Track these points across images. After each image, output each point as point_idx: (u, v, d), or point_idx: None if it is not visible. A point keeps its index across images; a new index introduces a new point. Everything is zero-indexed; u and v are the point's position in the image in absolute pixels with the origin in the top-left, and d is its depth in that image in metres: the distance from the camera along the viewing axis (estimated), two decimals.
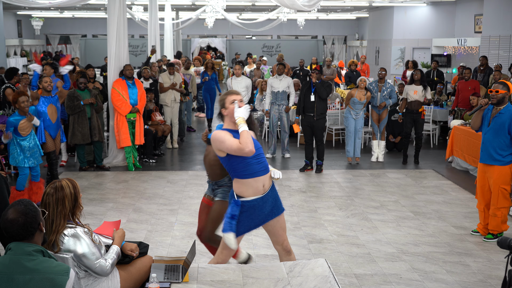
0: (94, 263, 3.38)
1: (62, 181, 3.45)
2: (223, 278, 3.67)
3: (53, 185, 3.44)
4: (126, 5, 10.14)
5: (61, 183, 3.44)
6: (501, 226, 5.94)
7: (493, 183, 5.84)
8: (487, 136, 5.82)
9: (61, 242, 3.34)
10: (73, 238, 3.35)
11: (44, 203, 3.40)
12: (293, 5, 10.44)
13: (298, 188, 8.07)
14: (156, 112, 10.34)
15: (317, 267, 3.81)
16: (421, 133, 9.65)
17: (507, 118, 5.66)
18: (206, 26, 22.94)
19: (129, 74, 9.04)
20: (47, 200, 3.39)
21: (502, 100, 5.68)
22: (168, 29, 19.51)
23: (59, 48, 30.95)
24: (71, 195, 3.43)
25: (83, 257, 3.35)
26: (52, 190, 3.41)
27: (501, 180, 5.79)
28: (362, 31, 29.03)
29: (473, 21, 17.56)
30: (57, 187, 3.41)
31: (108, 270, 3.44)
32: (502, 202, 5.82)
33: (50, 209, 3.36)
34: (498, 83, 5.77)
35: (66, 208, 3.40)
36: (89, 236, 3.43)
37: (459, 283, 4.89)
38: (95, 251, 3.40)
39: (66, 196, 3.40)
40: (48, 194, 3.40)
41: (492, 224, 5.95)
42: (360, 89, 9.36)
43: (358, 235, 6.11)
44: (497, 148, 5.74)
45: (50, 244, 3.34)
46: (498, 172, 5.78)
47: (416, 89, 9.40)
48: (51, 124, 7.70)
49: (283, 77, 9.72)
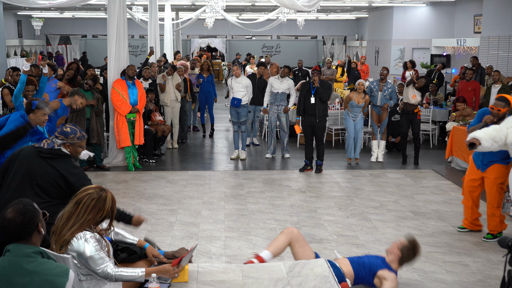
0: (98, 267, 3.27)
1: (109, 194, 3.33)
2: (223, 278, 3.68)
3: (99, 191, 3.31)
4: (126, 5, 10.14)
5: (107, 195, 3.31)
6: (500, 226, 5.96)
7: (491, 182, 5.89)
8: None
9: (71, 243, 3.26)
10: (82, 240, 3.25)
11: (79, 199, 3.27)
12: (293, 6, 10.45)
13: (298, 188, 8.08)
14: (156, 112, 10.35)
15: (317, 267, 3.82)
16: (419, 133, 9.65)
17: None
18: (206, 27, 22.93)
19: (132, 74, 9.05)
20: (83, 199, 3.27)
21: (503, 117, 5.74)
22: (168, 29, 19.52)
23: (59, 49, 30.96)
24: (107, 210, 3.32)
25: (89, 259, 3.26)
26: (96, 196, 3.28)
27: (500, 179, 5.85)
28: (362, 31, 29.04)
29: (472, 21, 17.58)
30: (101, 197, 3.28)
31: (114, 278, 3.32)
32: (500, 201, 5.83)
33: (81, 208, 3.25)
34: (500, 101, 5.79)
35: (96, 218, 3.29)
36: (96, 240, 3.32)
37: (458, 283, 4.90)
38: (103, 255, 3.29)
39: (103, 208, 3.30)
40: (90, 195, 3.28)
41: (491, 225, 5.96)
42: (358, 93, 9.38)
43: (357, 235, 6.12)
44: (494, 155, 5.83)
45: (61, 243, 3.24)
46: (496, 170, 5.85)
47: (415, 93, 9.40)
48: (55, 129, 7.76)
49: (285, 79, 9.74)
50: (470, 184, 6.12)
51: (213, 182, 8.38)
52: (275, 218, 6.67)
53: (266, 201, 7.38)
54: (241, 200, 7.46)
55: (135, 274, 3.34)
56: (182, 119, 11.46)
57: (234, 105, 9.81)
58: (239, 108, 9.83)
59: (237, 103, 9.76)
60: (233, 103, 9.81)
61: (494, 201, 5.89)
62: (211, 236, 6.04)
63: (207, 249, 5.65)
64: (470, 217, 6.18)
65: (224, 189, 8.01)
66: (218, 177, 8.72)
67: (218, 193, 7.78)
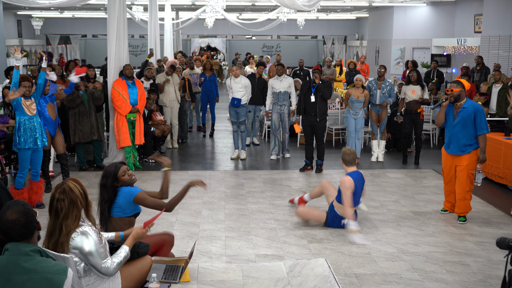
0: (100, 262, 3.34)
1: (68, 183, 3.35)
2: (223, 278, 3.68)
3: (60, 189, 3.32)
4: (126, 5, 10.13)
5: (68, 185, 3.34)
6: (469, 208, 6.56)
7: (462, 169, 6.45)
8: (456, 129, 6.47)
9: (71, 239, 3.29)
10: (82, 236, 3.29)
11: (55, 209, 3.29)
12: (293, 5, 10.44)
13: (298, 188, 8.07)
14: (156, 112, 10.34)
15: (317, 267, 3.81)
16: (420, 133, 9.66)
17: (472, 111, 6.35)
18: (206, 26, 22.94)
19: (129, 73, 9.05)
20: (58, 205, 3.28)
21: (459, 97, 6.40)
22: (168, 29, 19.51)
23: (59, 48, 30.95)
24: (81, 195, 3.36)
25: (89, 255, 3.30)
26: (62, 195, 3.30)
27: (470, 166, 6.42)
28: (362, 31, 29.04)
29: (473, 21, 17.57)
30: (66, 191, 3.31)
31: (113, 271, 3.40)
32: (470, 185, 6.46)
33: (62, 214, 3.27)
34: (452, 82, 6.54)
35: (79, 209, 3.33)
36: (97, 235, 3.40)
37: (459, 283, 4.89)
38: (102, 250, 3.35)
39: (78, 197, 3.32)
40: (59, 200, 3.29)
41: (462, 208, 6.52)
42: (357, 88, 9.38)
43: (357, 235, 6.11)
44: (465, 139, 6.40)
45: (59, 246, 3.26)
46: (467, 159, 6.42)
47: (414, 89, 9.44)
48: (51, 122, 7.75)
49: (283, 78, 9.71)
50: (447, 171, 6.71)
51: (213, 182, 8.38)
52: (275, 218, 6.66)
53: (266, 201, 7.37)
54: (241, 200, 7.45)
55: (124, 254, 3.50)
56: (182, 119, 11.45)
57: (233, 105, 9.80)
58: (239, 108, 9.82)
59: (237, 103, 9.75)
60: (232, 103, 9.81)
61: (466, 185, 6.43)
62: (211, 236, 6.03)
63: (207, 249, 5.65)
64: (452, 199, 6.77)
65: (224, 189, 8.00)
66: (218, 177, 8.71)
67: (218, 193, 7.78)
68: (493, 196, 7.75)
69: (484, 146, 6.39)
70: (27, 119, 6.89)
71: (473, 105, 6.41)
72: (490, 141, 8.29)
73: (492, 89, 10.84)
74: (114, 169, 4.24)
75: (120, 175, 4.23)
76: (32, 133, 6.91)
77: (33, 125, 6.92)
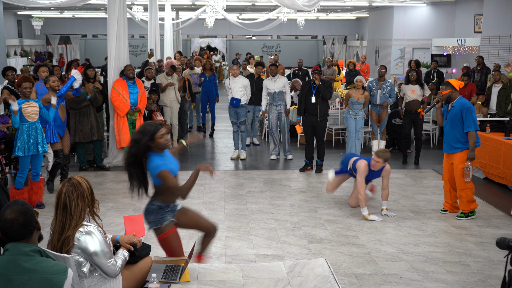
0: (106, 262, 3.33)
1: (77, 178, 3.39)
2: (223, 278, 3.68)
3: (69, 183, 3.34)
4: (126, 5, 10.13)
5: (77, 179, 3.37)
6: (469, 205, 6.60)
7: (455, 167, 6.56)
8: (446, 128, 6.64)
9: (76, 239, 3.27)
10: (87, 235, 3.28)
11: (63, 203, 3.30)
12: (293, 5, 10.45)
13: (298, 188, 8.07)
14: (157, 112, 10.34)
15: (317, 267, 3.81)
16: (420, 133, 9.66)
17: (458, 109, 6.48)
18: (206, 26, 22.96)
19: (130, 74, 9.05)
20: (66, 199, 3.29)
21: (449, 98, 6.55)
22: (168, 29, 19.53)
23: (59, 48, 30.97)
24: (88, 189, 3.38)
25: (94, 255, 3.29)
26: (71, 187, 3.31)
27: (462, 165, 6.50)
28: (362, 31, 29.04)
29: (473, 21, 17.57)
30: (75, 184, 3.33)
31: (117, 271, 3.40)
32: (464, 183, 6.52)
33: (71, 207, 3.28)
34: (442, 84, 6.66)
35: (86, 204, 3.35)
36: (102, 234, 3.39)
37: (459, 283, 4.89)
38: (107, 250, 3.35)
39: (85, 191, 3.35)
40: (67, 193, 3.30)
41: (460, 205, 6.65)
42: (357, 89, 9.37)
43: (358, 235, 6.12)
44: (456, 138, 6.51)
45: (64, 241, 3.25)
46: (459, 157, 6.53)
47: (413, 88, 9.44)
48: (61, 123, 7.78)
49: (277, 78, 9.69)
50: (445, 170, 6.80)
51: (213, 182, 8.37)
52: (275, 218, 6.66)
53: (266, 201, 7.37)
54: (241, 200, 7.45)
55: (123, 258, 3.53)
56: (182, 119, 11.45)
57: (233, 105, 9.79)
58: (238, 108, 9.82)
59: (237, 103, 9.74)
60: (232, 103, 9.80)
61: (460, 183, 6.55)
62: None
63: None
64: (449, 200, 6.85)
65: (224, 189, 8.00)
66: (218, 177, 8.71)
67: (218, 193, 7.78)
68: (493, 196, 7.75)
69: (473, 144, 6.46)
70: (29, 125, 6.88)
71: (461, 103, 6.50)
72: (490, 141, 8.30)
73: (492, 89, 10.84)
74: (153, 128, 4.08)
75: (158, 136, 4.08)
76: (34, 139, 6.91)
77: (35, 131, 6.92)
